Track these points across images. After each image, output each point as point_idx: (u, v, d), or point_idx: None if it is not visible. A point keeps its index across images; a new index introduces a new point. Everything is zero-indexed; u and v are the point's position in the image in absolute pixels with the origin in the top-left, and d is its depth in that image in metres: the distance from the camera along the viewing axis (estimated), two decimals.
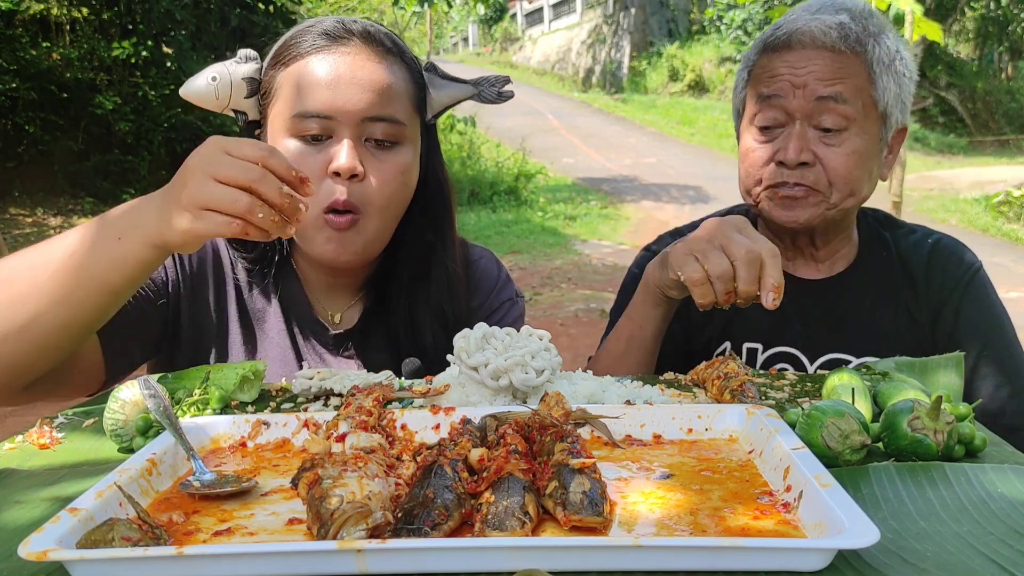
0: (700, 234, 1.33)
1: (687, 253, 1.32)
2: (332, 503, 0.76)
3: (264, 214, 1.05)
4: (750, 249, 1.26)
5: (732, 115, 1.78)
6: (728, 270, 1.26)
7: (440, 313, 1.56)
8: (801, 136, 1.56)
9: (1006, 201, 11.57)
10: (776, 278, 1.25)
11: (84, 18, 13.21)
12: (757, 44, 1.67)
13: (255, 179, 1.05)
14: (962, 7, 20.96)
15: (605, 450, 0.99)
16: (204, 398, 1.17)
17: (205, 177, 1.06)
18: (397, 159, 1.43)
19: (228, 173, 1.05)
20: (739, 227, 1.31)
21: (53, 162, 12.59)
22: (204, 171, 1.06)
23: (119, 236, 1.13)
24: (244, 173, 1.05)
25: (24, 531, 0.77)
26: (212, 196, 1.05)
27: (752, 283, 1.26)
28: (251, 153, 1.07)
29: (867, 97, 1.57)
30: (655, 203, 14.10)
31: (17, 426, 4.84)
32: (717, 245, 1.29)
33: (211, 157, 1.07)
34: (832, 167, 1.56)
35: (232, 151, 1.07)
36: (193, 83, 1.43)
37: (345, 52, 1.41)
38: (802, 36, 1.57)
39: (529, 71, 31.05)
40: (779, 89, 1.58)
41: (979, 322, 1.66)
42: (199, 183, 1.06)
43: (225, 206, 1.05)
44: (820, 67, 1.55)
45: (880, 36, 1.58)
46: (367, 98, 1.39)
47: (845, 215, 1.64)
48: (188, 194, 1.06)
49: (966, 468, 0.91)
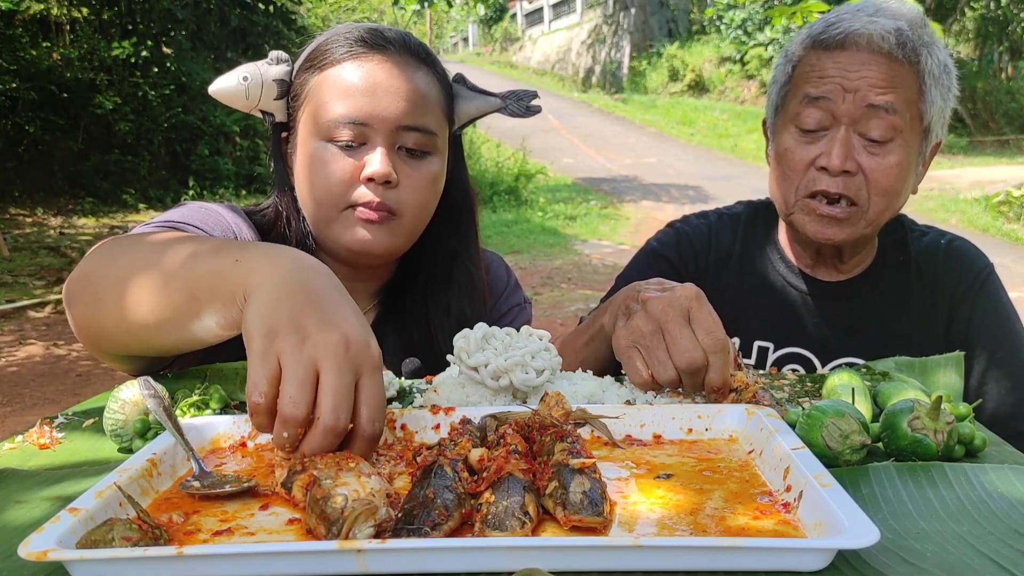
0: (644, 321, 1.16)
1: (629, 345, 1.17)
2: (338, 502, 0.76)
3: (289, 435, 0.86)
4: (692, 359, 1.10)
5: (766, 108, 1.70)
6: (674, 377, 1.12)
7: (461, 318, 1.55)
8: (846, 143, 1.49)
9: (1006, 201, 11.57)
10: (719, 379, 1.11)
11: (84, 18, 13.22)
12: (803, 39, 1.58)
13: (328, 423, 0.85)
14: (962, 7, 20.95)
15: (605, 450, 0.99)
16: (204, 398, 1.17)
17: (310, 363, 0.86)
18: (428, 168, 1.44)
19: (326, 389, 0.85)
20: (687, 309, 1.14)
21: (53, 162, 12.61)
22: (315, 359, 0.86)
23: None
24: (332, 410, 0.85)
25: (24, 531, 0.76)
26: (295, 374, 0.85)
27: (698, 388, 1.13)
28: (367, 405, 0.88)
29: (915, 110, 1.51)
30: (655, 203, 14.10)
31: (17, 426, 4.86)
32: (662, 341, 1.14)
33: (339, 357, 0.86)
34: (875, 179, 1.50)
35: (343, 376, 0.86)
36: (223, 82, 1.44)
37: (382, 60, 1.41)
38: (859, 38, 1.49)
39: (529, 71, 31.00)
40: (828, 91, 1.50)
41: (992, 325, 1.64)
42: (307, 361, 0.86)
43: (289, 392, 0.85)
44: (874, 73, 1.48)
45: (932, 47, 1.52)
46: (403, 107, 1.39)
47: (876, 230, 1.60)
48: (289, 345, 0.86)
49: (966, 468, 0.91)
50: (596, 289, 8.36)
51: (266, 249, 1.02)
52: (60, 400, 5.39)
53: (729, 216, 1.82)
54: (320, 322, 0.89)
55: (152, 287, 1.09)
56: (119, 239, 1.24)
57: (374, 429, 0.89)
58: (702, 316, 1.13)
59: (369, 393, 0.88)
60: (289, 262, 0.98)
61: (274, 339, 0.87)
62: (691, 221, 1.83)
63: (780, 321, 1.67)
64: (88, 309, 1.19)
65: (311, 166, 1.41)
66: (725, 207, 1.87)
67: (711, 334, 1.11)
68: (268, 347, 0.87)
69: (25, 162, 12.41)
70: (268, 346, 0.87)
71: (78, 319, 1.23)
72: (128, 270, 1.13)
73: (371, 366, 0.89)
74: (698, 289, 1.17)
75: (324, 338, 0.87)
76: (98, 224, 11.74)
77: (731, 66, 24.44)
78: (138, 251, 1.17)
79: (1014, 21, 20.87)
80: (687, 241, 1.78)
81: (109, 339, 1.21)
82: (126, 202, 12.78)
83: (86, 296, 1.19)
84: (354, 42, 1.42)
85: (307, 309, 0.90)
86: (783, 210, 1.63)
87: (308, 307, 0.90)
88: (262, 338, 0.88)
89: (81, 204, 12.56)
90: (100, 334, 1.21)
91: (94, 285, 1.18)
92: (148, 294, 1.09)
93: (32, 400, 5.42)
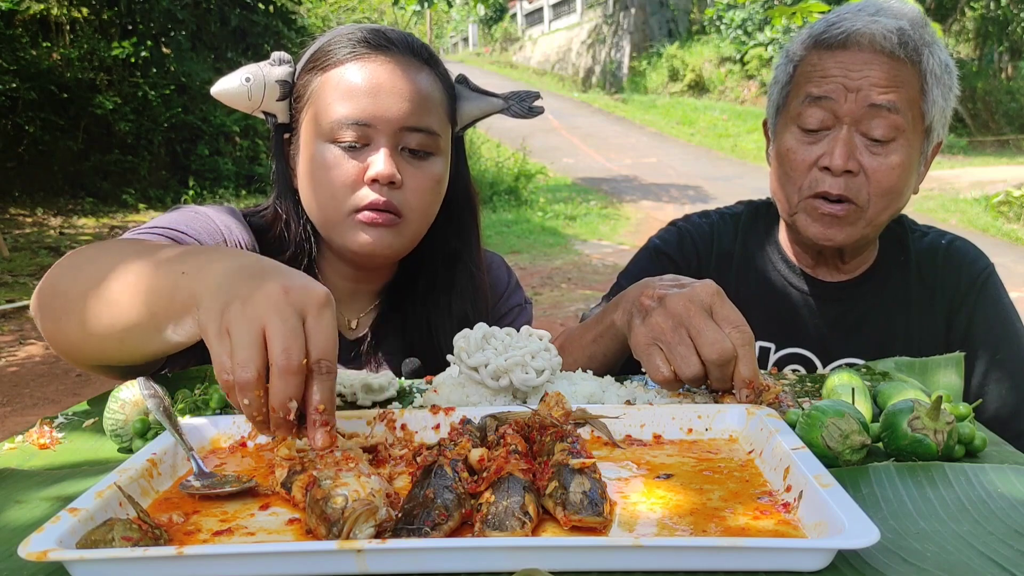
0: (663, 317, 1.14)
1: (650, 343, 1.14)
2: (338, 502, 0.76)
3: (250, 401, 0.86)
4: (723, 349, 1.08)
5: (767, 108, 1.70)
6: (699, 372, 1.10)
7: (463, 319, 1.55)
8: (848, 142, 1.49)
9: (1006, 201, 11.57)
10: (750, 372, 1.09)
11: (84, 18, 13.22)
12: (804, 39, 1.58)
13: (280, 364, 0.85)
14: (962, 7, 20.96)
15: (605, 450, 0.99)
16: (204, 398, 1.17)
17: (254, 320, 0.86)
18: (431, 169, 1.44)
19: (271, 335, 0.86)
20: (709, 305, 1.12)
21: (53, 162, 12.60)
22: (258, 314, 0.86)
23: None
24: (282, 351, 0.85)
25: (24, 531, 0.77)
26: (239, 339, 0.86)
27: (726, 382, 1.11)
28: (316, 345, 0.87)
29: (917, 109, 1.51)
30: (655, 203, 14.11)
31: (17, 426, 4.86)
32: (685, 336, 1.11)
33: (279, 304, 0.87)
34: (876, 179, 1.50)
35: (286, 320, 0.86)
36: (225, 83, 1.43)
37: (385, 61, 1.41)
38: (860, 37, 1.49)
39: (529, 71, 31.01)
40: (830, 91, 1.50)
41: (992, 325, 1.64)
42: (250, 319, 0.86)
43: (235, 358, 0.85)
44: (876, 73, 1.48)
45: (934, 47, 1.52)
46: (406, 107, 1.39)
47: (878, 230, 1.60)
48: (234, 313, 0.87)
49: (966, 468, 0.91)
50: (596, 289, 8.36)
51: (209, 253, 1.03)
52: (60, 400, 5.39)
53: (730, 216, 1.82)
54: (258, 283, 0.90)
55: (112, 303, 1.09)
56: (83, 250, 1.22)
57: (327, 366, 0.87)
58: (726, 311, 1.12)
59: (315, 331, 0.87)
60: (228, 258, 0.99)
61: (221, 317, 0.88)
62: (693, 220, 1.83)
63: (781, 321, 1.67)
64: (54, 323, 1.19)
65: (315, 168, 1.41)
66: (726, 207, 1.87)
67: (738, 327, 1.10)
68: (219, 327, 0.88)
69: (25, 162, 12.40)
70: (219, 326, 0.88)
71: (47, 331, 1.22)
72: (88, 285, 1.13)
73: (316, 305, 0.89)
74: (717, 285, 1.15)
75: (261, 294, 0.88)
76: (98, 224, 11.73)
77: (731, 66, 24.44)
78: (100, 264, 1.15)
79: (1014, 21, 20.88)
80: (689, 239, 1.78)
81: (77, 351, 1.21)
82: (126, 202, 12.78)
83: (52, 309, 1.19)
84: (357, 43, 1.42)
85: (246, 280, 0.91)
86: (785, 211, 1.62)
87: (246, 279, 0.91)
88: (213, 323, 0.89)
89: (81, 204, 12.56)
90: (68, 347, 1.21)
91: (60, 297, 1.17)
92: (108, 311, 1.09)
93: (32, 400, 5.42)
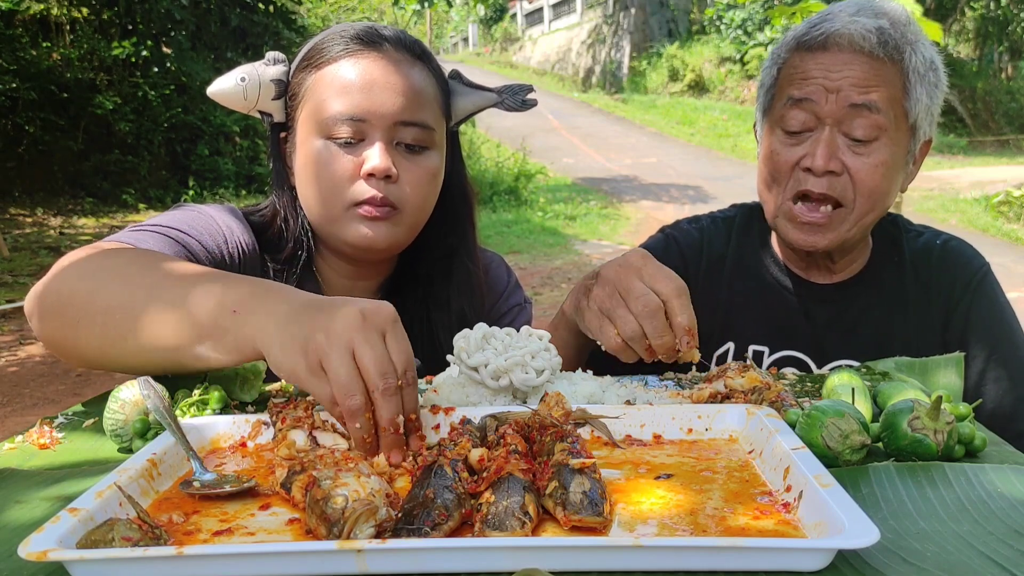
0: (601, 287, 1.22)
1: (598, 314, 1.21)
2: (338, 503, 0.76)
3: (361, 424, 0.93)
4: (647, 301, 1.14)
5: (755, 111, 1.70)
6: (637, 330, 1.15)
7: (461, 316, 1.56)
8: (830, 143, 1.49)
9: (1006, 201, 11.57)
10: (686, 319, 1.13)
11: (84, 18, 13.22)
12: (788, 41, 1.59)
13: (382, 387, 0.94)
14: (962, 7, 20.97)
15: (605, 450, 0.99)
16: (204, 398, 1.17)
17: (344, 349, 0.94)
18: (427, 163, 1.45)
19: (366, 361, 0.93)
20: (638, 267, 1.19)
21: (53, 162, 12.61)
22: (345, 342, 0.94)
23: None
24: (380, 375, 0.93)
25: (24, 531, 0.77)
26: (339, 371, 0.93)
27: (663, 334, 1.15)
28: (399, 360, 0.96)
29: (899, 108, 1.50)
30: (655, 203, 14.11)
31: (17, 426, 4.85)
32: (619, 299, 1.18)
33: (362, 329, 0.95)
34: (860, 178, 1.50)
35: (375, 344, 0.95)
36: (221, 83, 1.45)
37: (378, 57, 1.42)
38: (839, 38, 1.49)
39: (529, 71, 31.03)
40: (811, 92, 1.50)
41: (989, 325, 1.63)
42: (340, 348, 0.93)
43: (340, 389, 0.93)
44: (856, 72, 1.48)
45: (917, 45, 1.51)
46: (400, 102, 1.40)
47: (865, 231, 1.59)
48: (321, 346, 0.94)
49: (966, 468, 0.91)
50: None
51: (260, 296, 1.06)
52: (60, 400, 5.39)
53: (723, 220, 1.81)
54: (330, 314, 0.97)
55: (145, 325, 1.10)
56: (93, 257, 1.22)
57: (411, 377, 0.97)
58: (652, 269, 1.19)
59: (395, 346, 0.96)
60: (283, 299, 1.04)
61: (307, 354, 0.95)
62: (682, 227, 1.83)
63: (775, 325, 1.66)
64: (65, 330, 1.18)
65: (312, 165, 1.42)
66: (719, 210, 1.86)
67: (666, 281, 1.17)
68: (308, 365, 0.95)
69: (25, 162, 12.40)
70: (308, 364, 0.95)
71: (51, 335, 1.21)
72: (113, 300, 1.13)
73: (390, 321, 0.98)
74: (646, 251, 1.24)
75: (341, 322, 0.95)
76: (98, 224, 11.73)
77: (731, 66, 24.45)
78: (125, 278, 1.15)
79: (1014, 21, 20.89)
80: (675, 248, 1.77)
81: (84, 358, 1.21)
82: (126, 202, 12.79)
83: (62, 316, 1.18)
84: (350, 40, 1.43)
85: (315, 314, 0.98)
86: (770, 215, 1.62)
87: (315, 312, 0.98)
88: (300, 363, 0.96)
89: (81, 204, 12.56)
90: (75, 352, 1.21)
91: (72, 307, 1.17)
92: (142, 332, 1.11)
93: (32, 400, 5.42)
